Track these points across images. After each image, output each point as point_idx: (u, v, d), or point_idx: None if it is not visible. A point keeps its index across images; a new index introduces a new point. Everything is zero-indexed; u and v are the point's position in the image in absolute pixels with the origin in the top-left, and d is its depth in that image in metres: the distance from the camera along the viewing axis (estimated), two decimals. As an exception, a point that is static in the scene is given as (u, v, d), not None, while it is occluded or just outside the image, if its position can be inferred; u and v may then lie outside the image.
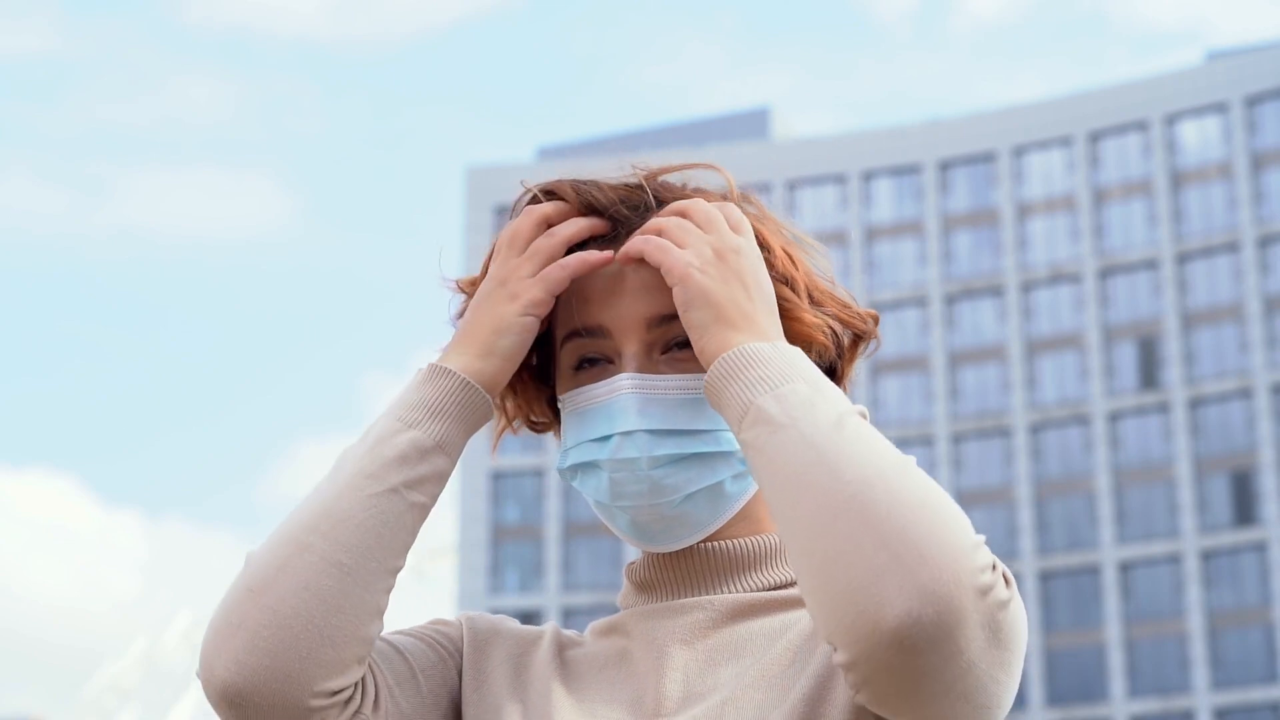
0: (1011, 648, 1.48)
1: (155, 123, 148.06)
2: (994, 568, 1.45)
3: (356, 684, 1.62)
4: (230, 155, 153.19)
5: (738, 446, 1.62)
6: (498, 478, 75.64)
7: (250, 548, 1.65)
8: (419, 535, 1.66)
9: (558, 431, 1.77)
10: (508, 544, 75.25)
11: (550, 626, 1.77)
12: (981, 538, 1.47)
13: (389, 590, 1.62)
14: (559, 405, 1.73)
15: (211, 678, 1.57)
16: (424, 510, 1.64)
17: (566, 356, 1.71)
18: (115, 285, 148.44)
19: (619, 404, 1.65)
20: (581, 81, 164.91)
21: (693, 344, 1.61)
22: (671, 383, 1.65)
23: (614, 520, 1.68)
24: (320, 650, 1.57)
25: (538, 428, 1.80)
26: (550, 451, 66.10)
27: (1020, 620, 1.49)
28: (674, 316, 1.65)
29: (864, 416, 1.53)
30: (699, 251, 1.62)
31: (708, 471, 1.65)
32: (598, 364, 1.69)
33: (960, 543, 1.44)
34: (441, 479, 1.65)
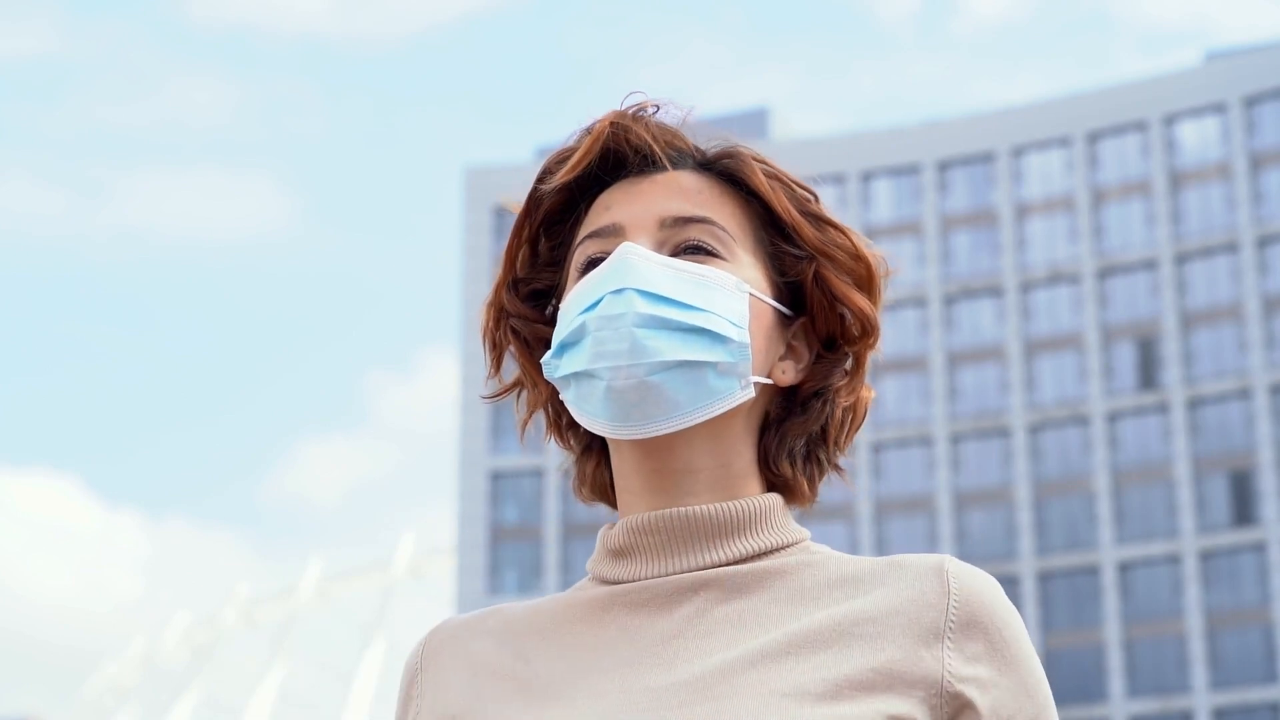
0: None
1: (155, 124, 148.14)
2: None
3: None
4: (230, 156, 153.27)
5: (732, 335, 1.57)
6: (496, 478, 75.56)
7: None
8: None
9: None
10: (506, 544, 75.18)
11: (498, 615, 1.64)
12: None
13: None
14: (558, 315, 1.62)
15: None
16: None
17: (576, 260, 1.63)
18: (115, 285, 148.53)
19: (614, 267, 1.57)
20: (581, 81, 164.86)
21: None
22: (676, 262, 1.58)
23: (591, 401, 1.56)
24: None
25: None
26: (551, 453, 65.73)
27: None
28: (689, 220, 1.61)
29: None
30: None
31: (695, 347, 1.54)
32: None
33: None
34: None
